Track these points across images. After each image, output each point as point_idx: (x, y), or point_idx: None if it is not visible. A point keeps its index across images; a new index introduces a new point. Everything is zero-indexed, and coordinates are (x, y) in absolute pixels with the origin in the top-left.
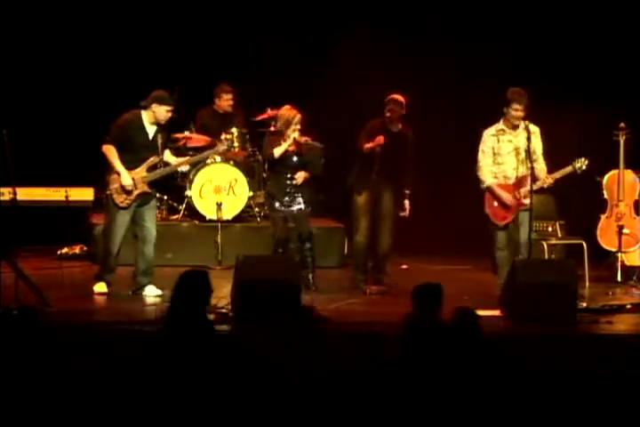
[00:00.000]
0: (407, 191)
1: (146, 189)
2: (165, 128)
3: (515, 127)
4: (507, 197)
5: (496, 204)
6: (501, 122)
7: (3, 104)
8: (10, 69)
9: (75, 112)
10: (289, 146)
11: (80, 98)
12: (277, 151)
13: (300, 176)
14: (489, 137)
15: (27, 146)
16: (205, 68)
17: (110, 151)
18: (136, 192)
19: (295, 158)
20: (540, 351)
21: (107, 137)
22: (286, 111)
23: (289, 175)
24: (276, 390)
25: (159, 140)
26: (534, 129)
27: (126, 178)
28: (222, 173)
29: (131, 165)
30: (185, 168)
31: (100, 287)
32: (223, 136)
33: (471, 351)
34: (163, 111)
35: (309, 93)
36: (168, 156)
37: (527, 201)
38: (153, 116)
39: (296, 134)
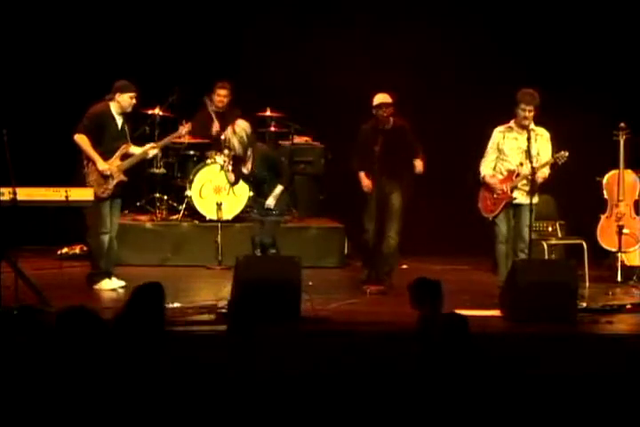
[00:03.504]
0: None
1: (122, 177)
2: (129, 118)
3: (524, 128)
4: (495, 184)
5: (485, 197)
6: (512, 121)
7: (3, 104)
8: (9, 69)
9: (75, 112)
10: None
11: (80, 98)
12: (230, 179)
13: (270, 202)
14: (497, 133)
15: (27, 146)
16: (205, 68)
17: (83, 140)
18: (114, 181)
19: (251, 178)
20: (540, 351)
21: (79, 127)
22: None
23: (258, 189)
24: (275, 391)
25: (126, 130)
26: (543, 132)
27: (102, 164)
28: (222, 173)
29: (104, 156)
30: (153, 153)
31: (107, 284)
32: (223, 136)
33: (461, 356)
34: (127, 98)
35: (310, 93)
36: (132, 147)
37: (514, 195)
38: (119, 106)
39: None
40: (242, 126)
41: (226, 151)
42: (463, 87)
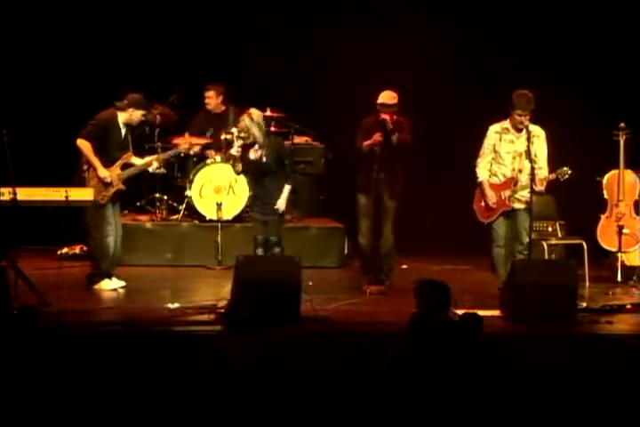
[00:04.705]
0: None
1: (121, 186)
2: (133, 129)
3: (519, 130)
4: (491, 196)
5: (482, 201)
6: (508, 120)
7: (3, 104)
8: (10, 69)
9: (75, 112)
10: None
11: (80, 98)
12: (237, 169)
13: (281, 204)
14: (492, 133)
15: (27, 146)
16: (205, 68)
17: (86, 146)
18: (113, 189)
19: (257, 166)
20: (540, 351)
21: (84, 132)
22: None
23: (260, 183)
24: (275, 391)
25: (129, 140)
26: (539, 133)
27: (103, 171)
28: (222, 173)
29: (105, 164)
30: (154, 166)
31: (107, 284)
32: (223, 136)
33: (471, 356)
34: (138, 115)
35: (310, 93)
36: (134, 158)
37: (512, 204)
38: (128, 119)
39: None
40: (257, 113)
41: (239, 142)
42: (463, 87)
